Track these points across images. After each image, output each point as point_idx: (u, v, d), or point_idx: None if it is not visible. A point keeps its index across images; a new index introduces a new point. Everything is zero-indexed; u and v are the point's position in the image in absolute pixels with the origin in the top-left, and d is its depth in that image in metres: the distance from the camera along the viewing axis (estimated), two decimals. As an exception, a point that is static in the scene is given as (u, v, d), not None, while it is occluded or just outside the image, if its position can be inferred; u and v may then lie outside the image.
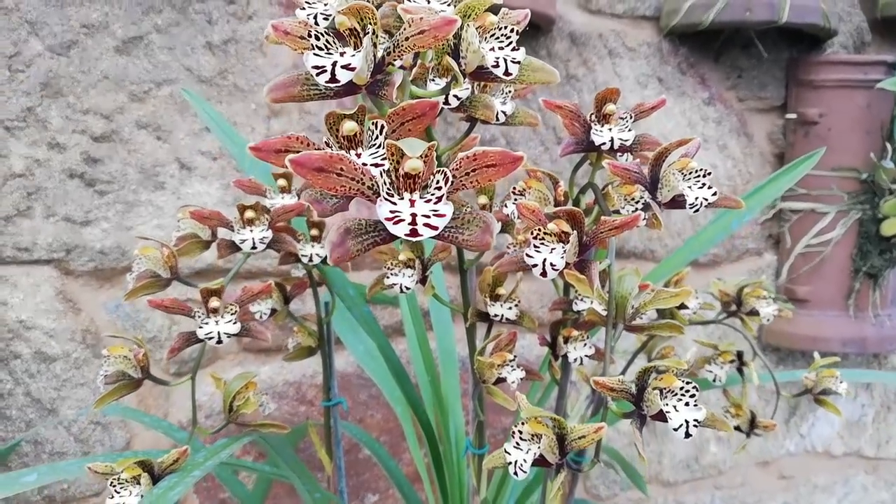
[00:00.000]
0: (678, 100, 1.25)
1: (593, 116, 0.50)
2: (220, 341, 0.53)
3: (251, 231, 0.57)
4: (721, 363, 0.74)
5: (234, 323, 0.53)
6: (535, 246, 0.44)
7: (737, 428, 0.75)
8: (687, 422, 0.41)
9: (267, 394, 0.78)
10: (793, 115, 1.28)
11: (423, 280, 0.61)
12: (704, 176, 0.44)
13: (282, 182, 0.65)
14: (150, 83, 1.00)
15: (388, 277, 0.60)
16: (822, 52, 1.30)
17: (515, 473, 0.44)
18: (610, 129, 0.49)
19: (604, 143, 0.49)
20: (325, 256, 0.66)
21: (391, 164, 0.29)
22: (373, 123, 0.33)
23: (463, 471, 0.80)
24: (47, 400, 1.01)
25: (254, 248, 0.57)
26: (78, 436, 1.03)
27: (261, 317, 0.73)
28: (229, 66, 1.03)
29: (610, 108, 0.49)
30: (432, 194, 0.28)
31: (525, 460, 0.43)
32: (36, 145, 0.97)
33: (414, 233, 0.27)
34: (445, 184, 0.28)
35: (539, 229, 0.44)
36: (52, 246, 0.99)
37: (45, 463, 1.02)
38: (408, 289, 0.60)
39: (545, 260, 0.43)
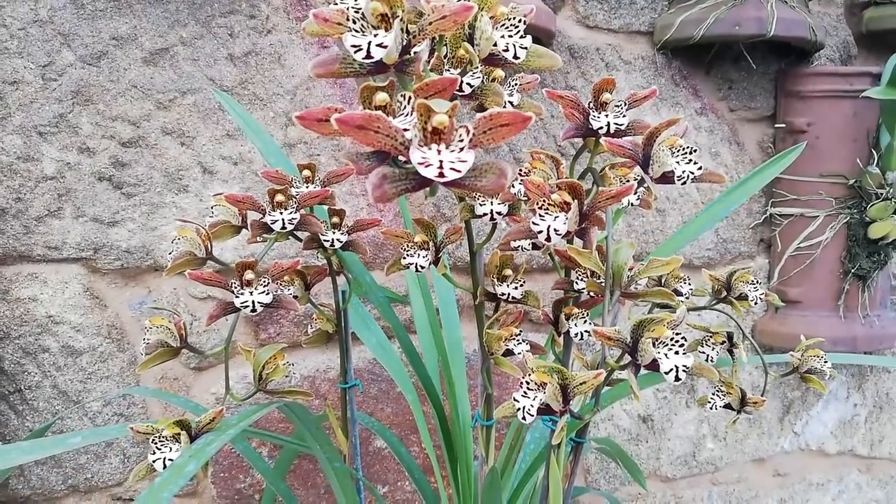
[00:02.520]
0: (672, 110, 1.31)
1: (591, 104, 0.56)
2: (254, 310, 0.58)
3: (281, 213, 0.62)
4: (713, 345, 0.79)
5: (267, 294, 0.59)
6: (540, 215, 0.49)
7: (727, 406, 0.80)
8: (677, 367, 0.46)
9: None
10: (782, 125, 1.35)
11: (435, 261, 0.67)
12: (691, 153, 0.50)
13: (306, 173, 0.71)
14: (176, 92, 1.06)
15: (404, 258, 0.66)
16: (810, 65, 1.36)
17: (524, 418, 0.49)
18: (606, 116, 0.55)
19: (601, 128, 0.55)
20: (345, 242, 0.72)
21: (420, 122, 0.34)
22: (401, 96, 0.39)
23: (469, 445, 0.85)
24: (73, 392, 1.06)
25: (283, 228, 0.62)
26: (101, 426, 1.08)
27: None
28: (249, 77, 1.10)
29: (606, 96, 0.55)
30: (456, 146, 0.34)
31: (532, 405, 0.48)
32: (67, 150, 1.03)
33: (441, 175, 0.33)
34: (467, 135, 0.34)
35: (543, 200, 0.49)
36: (81, 245, 1.04)
37: (70, 453, 1.07)
38: (422, 268, 0.66)
39: (549, 227, 0.49)
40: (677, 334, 0.47)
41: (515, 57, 0.44)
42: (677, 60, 1.31)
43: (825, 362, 0.76)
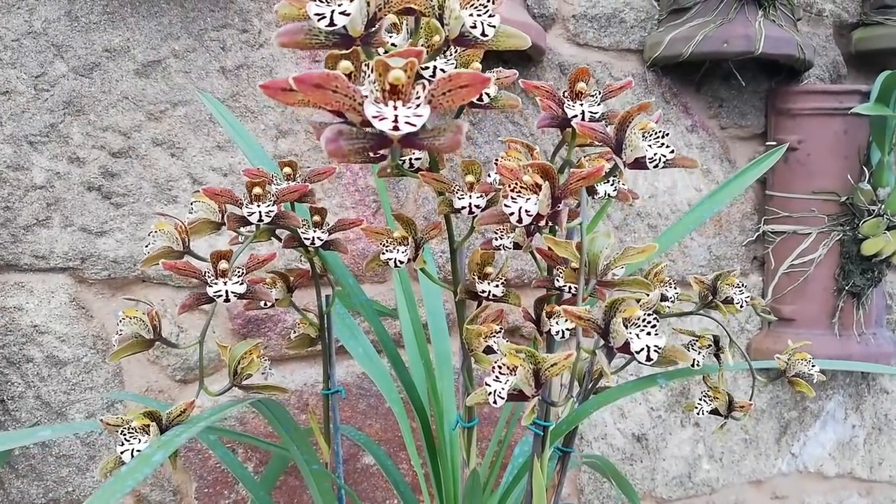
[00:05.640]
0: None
1: (566, 94, 0.56)
2: (227, 299, 0.58)
3: (258, 206, 0.62)
4: (699, 348, 0.78)
5: (241, 284, 0.58)
6: (511, 198, 0.49)
7: (714, 411, 0.78)
8: (648, 347, 0.46)
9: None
10: (773, 143, 1.35)
11: (415, 257, 0.67)
12: (663, 136, 0.50)
13: (287, 170, 0.71)
14: (167, 104, 1.07)
15: (383, 253, 0.65)
16: (800, 83, 1.37)
17: (494, 402, 0.48)
18: (581, 105, 0.55)
19: (575, 116, 0.55)
20: (326, 241, 0.72)
21: (378, 80, 0.34)
22: (365, 65, 0.39)
23: (457, 457, 0.84)
24: (56, 403, 1.05)
25: (260, 220, 0.62)
26: (85, 440, 1.06)
27: (265, 304, 0.78)
28: (241, 90, 1.11)
29: (581, 85, 0.55)
30: (413, 103, 0.34)
31: (503, 389, 0.48)
32: (57, 159, 1.03)
33: (396, 128, 0.33)
34: (423, 91, 0.33)
35: (515, 183, 0.49)
36: (69, 255, 1.04)
37: (52, 466, 1.05)
38: (401, 262, 0.65)
39: (520, 208, 0.48)
40: (648, 314, 0.46)
41: (483, 34, 0.44)
42: (667, 78, 1.32)
43: (812, 366, 0.75)
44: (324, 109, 0.40)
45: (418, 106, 0.33)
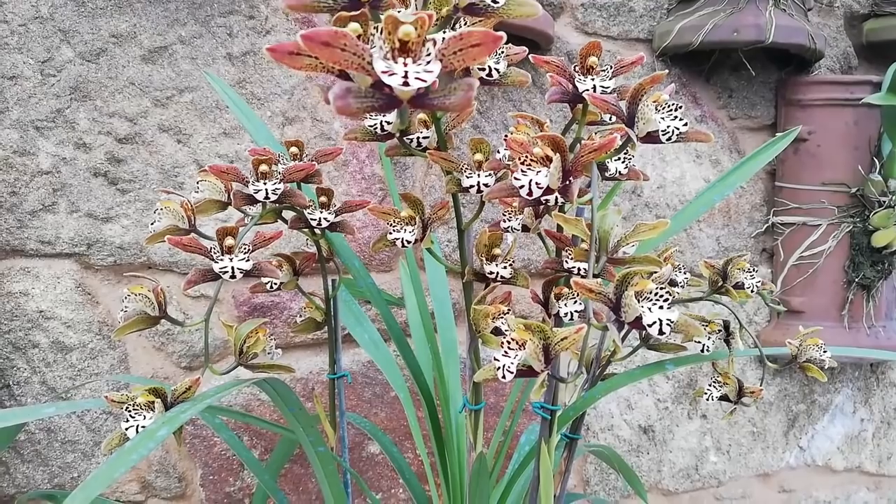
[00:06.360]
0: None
1: (577, 68, 0.55)
2: (233, 276, 0.57)
3: (265, 183, 0.62)
4: (709, 334, 0.77)
5: (247, 260, 0.58)
6: (522, 170, 0.48)
7: (724, 397, 0.77)
8: (660, 320, 0.45)
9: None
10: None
11: (422, 237, 0.66)
12: (676, 109, 0.49)
13: (293, 150, 0.70)
14: (173, 90, 1.07)
15: (391, 233, 0.65)
16: (810, 74, 1.36)
17: (503, 376, 0.47)
18: (593, 79, 0.55)
19: (587, 90, 0.54)
20: (333, 222, 0.71)
21: (388, 37, 0.34)
22: (374, 27, 0.39)
23: (463, 444, 0.83)
24: (62, 389, 1.05)
25: (267, 198, 0.61)
26: (90, 425, 1.06)
27: (271, 286, 0.78)
28: (248, 77, 1.10)
29: (592, 60, 0.55)
30: (423, 60, 0.33)
31: (512, 364, 0.47)
32: (63, 145, 1.03)
33: (406, 84, 0.32)
34: (434, 47, 0.33)
35: (525, 155, 0.48)
36: (74, 240, 1.04)
37: (57, 451, 1.05)
38: (409, 242, 0.64)
39: (531, 181, 0.48)
40: (661, 287, 0.45)
41: (494, 1, 0.43)
42: (676, 68, 1.31)
43: (824, 351, 0.74)
44: (331, 73, 0.39)
45: (428, 63, 0.33)
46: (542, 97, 1.23)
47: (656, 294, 0.45)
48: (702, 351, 0.78)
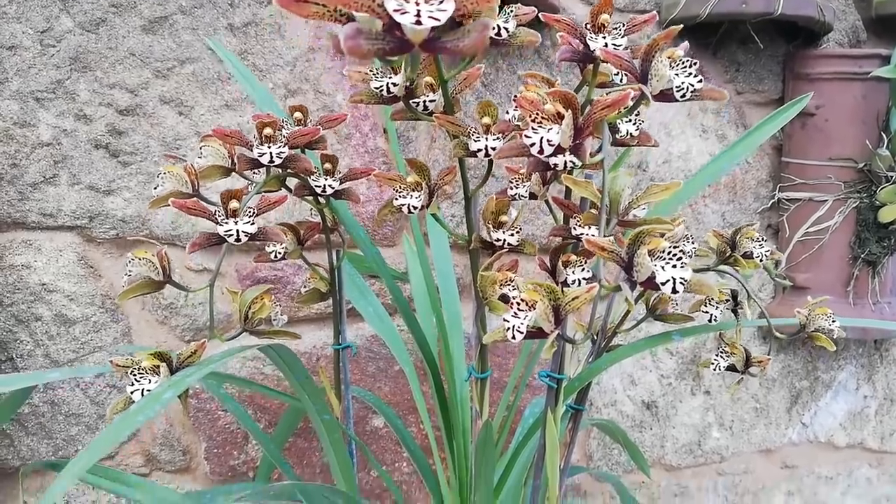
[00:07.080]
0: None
1: (588, 26, 0.54)
2: (238, 239, 0.56)
3: (269, 147, 0.61)
4: (716, 304, 0.77)
5: (252, 224, 0.57)
6: (532, 128, 0.47)
7: (731, 367, 0.77)
8: (674, 279, 0.44)
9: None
10: (790, 108, 1.32)
11: (428, 203, 0.65)
12: (691, 66, 0.48)
13: (297, 115, 0.69)
14: (174, 61, 1.05)
15: (396, 199, 0.64)
16: (818, 47, 1.34)
17: (513, 337, 0.47)
18: (604, 38, 0.54)
19: (599, 48, 0.53)
20: (337, 190, 0.70)
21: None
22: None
23: (466, 407, 0.83)
24: (65, 362, 1.04)
25: (271, 161, 0.60)
26: (94, 398, 1.06)
27: (275, 256, 0.77)
28: (249, 48, 1.09)
29: (604, 17, 0.53)
30: (436, 1, 0.32)
31: (521, 324, 0.46)
32: (64, 116, 1.02)
33: (419, 22, 0.31)
34: (448, -11, 0.32)
35: (536, 113, 0.47)
36: (76, 213, 1.03)
37: (61, 424, 1.05)
38: (415, 208, 0.64)
39: (542, 138, 0.47)
40: (674, 247, 0.45)
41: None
42: (683, 41, 1.29)
43: (833, 321, 0.74)
44: (339, 22, 0.38)
45: (441, 1, 0.32)
46: (547, 69, 1.21)
47: (670, 253, 0.45)
48: (709, 321, 0.78)
